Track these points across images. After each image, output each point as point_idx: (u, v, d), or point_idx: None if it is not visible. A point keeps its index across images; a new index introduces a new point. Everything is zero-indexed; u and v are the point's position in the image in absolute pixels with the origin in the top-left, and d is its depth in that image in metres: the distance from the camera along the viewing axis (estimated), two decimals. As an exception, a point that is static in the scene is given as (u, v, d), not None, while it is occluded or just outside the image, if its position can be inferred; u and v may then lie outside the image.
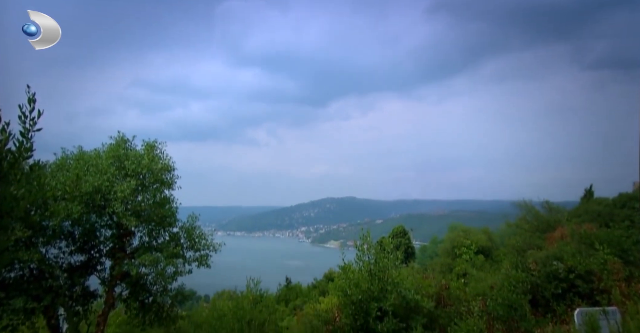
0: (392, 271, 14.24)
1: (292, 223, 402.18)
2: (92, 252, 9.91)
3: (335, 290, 15.29)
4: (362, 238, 14.81)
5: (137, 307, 9.94)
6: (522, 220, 26.79)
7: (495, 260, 23.92)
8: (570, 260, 13.55)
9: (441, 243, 36.82)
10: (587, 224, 19.37)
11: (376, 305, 13.17)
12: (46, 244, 8.85)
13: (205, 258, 10.75)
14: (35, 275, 8.50)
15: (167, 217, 10.51)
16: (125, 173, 9.65)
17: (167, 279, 9.89)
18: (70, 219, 8.58)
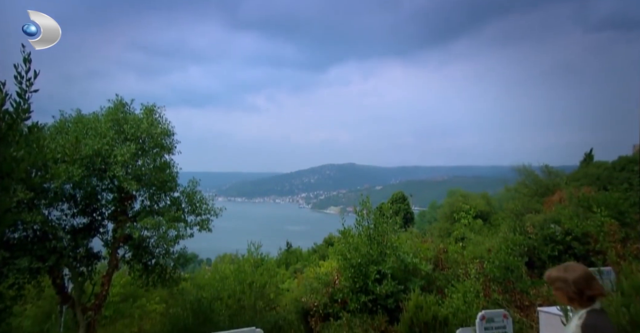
0: (391, 235, 14.41)
1: (292, 189, 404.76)
2: (94, 215, 10.01)
3: (335, 254, 15.53)
4: (362, 204, 14.93)
5: (140, 268, 10.13)
6: (520, 185, 26.91)
7: (494, 224, 24.19)
8: (568, 223, 13.71)
9: (440, 209, 37.13)
10: (585, 187, 19.48)
11: (375, 268, 13.39)
12: (48, 206, 8.93)
13: (207, 222, 10.85)
14: (38, 236, 8.62)
15: (167, 182, 10.54)
16: (124, 137, 9.61)
17: (169, 242, 10.02)
18: (71, 182, 8.62)
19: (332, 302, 13.67)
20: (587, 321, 2.90)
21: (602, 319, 2.90)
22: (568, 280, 2.99)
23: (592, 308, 2.95)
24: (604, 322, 2.89)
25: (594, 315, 2.91)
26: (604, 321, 2.89)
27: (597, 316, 2.91)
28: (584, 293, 2.95)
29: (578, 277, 2.98)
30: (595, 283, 3.01)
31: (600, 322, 2.85)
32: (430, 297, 9.38)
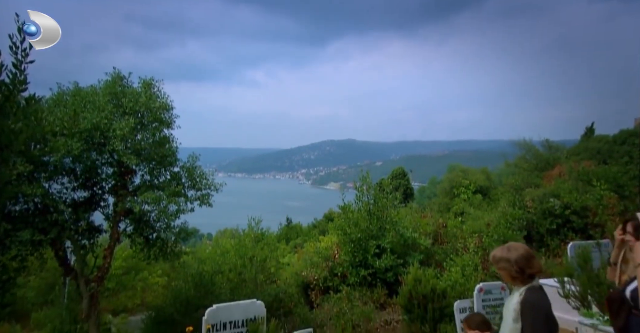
0: (390, 211, 14.49)
1: (292, 165, 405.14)
2: (94, 189, 10.03)
3: (335, 229, 15.65)
4: (362, 180, 14.97)
5: (142, 242, 10.21)
6: (521, 159, 26.89)
7: (493, 199, 24.25)
8: (567, 197, 13.77)
9: (440, 184, 37.21)
10: (585, 161, 19.48)
11: (375, 242, 13.51)
12: (48, 179, 8.95)
13: (207, 197, 10.86)
14: (40, 209, 8.67)
15: (167, 157, 10.51)
16: (123, 111, 9.54)
17: (169, 217, 10.07)
18: (70, 156, 8.60)
19: (332, 276, 13.86)
20: (526, 297, 3.10)
21: (539, 295, 3.11)
22: (510, 259, 3.16)
23: (532, 285, 3.15)
24: (541, 298, 3.11)
25: (533, 292, 3.11)
26: (541, 297, 3.11)
27: (535, 292, 3.12)
28: (524, 272, 3.13)
29: (519, 256, 3.15)
30: (535, 262, 3.20)
31: (537, 298, 3.07)
32: (429, 271, 9.49)
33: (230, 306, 6.78)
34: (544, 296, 3.16)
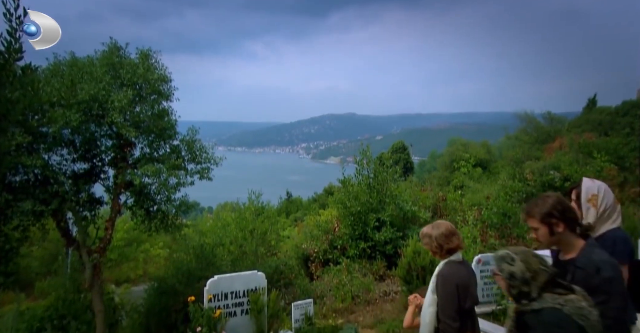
0: (390, 184, 14.55)
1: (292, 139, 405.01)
2: (94, 161, 9.99)
3: (335, 202, 15.75)
4: (362, 154, 14.98)
5: (142, 214, 10.24)
6: (521, 132, 26.85)
7: (493, 172, 24.33)
8: (567, 169, 13.79)
9: (440, 158, 37.25)
10: (586, 134, 19.44)
11: (374, 216, 13.60)
12: (48, 151, 8.89)
13: (207, 171, 10.82)
14: (40, 180, 8.66)
15: (166, 129, 10.43)
16: (121, 82, 9.41)
17: (169, 189, 10.06)
18: (69, 127, 8.52)
19: (332, 249, 14.02)
20: (442, 270, 3.39)
21: (455, 269, 3.33)
22: (432, 236, 3.44)
23: (449, 260, 3.41)
24: (457, 272, 3.32)
25: (449, 266, 3.37)
26: (456, 271, 3.33)
27: (451, 266, 3.36)
28: (443, 247, 3.40)
29: (439, 233, 3.43)
30: (454, 238, 3.44)
31: (452, 272, 3.29)
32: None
33: (231, 277, 6.86)
34: (461, 270, 3.36)
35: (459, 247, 3.48)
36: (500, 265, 2.48)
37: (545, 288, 2.34)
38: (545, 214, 2.66)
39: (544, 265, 2.39)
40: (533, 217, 2.75)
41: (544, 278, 2.34)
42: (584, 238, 2.72)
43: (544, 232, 2.70)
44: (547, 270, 2.37)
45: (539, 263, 2.39)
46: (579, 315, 2.19)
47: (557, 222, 2.65)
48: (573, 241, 2.68)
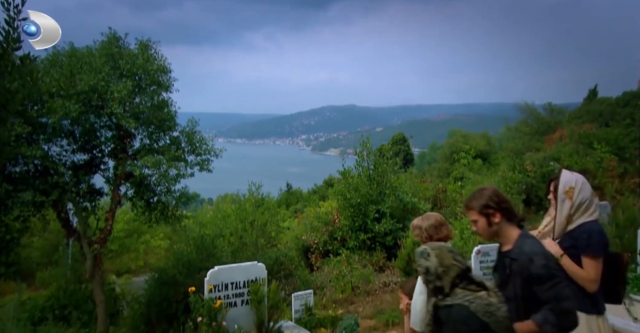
0: (390, 176, 14.55)
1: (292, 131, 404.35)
2: (94, 152, 10.00)
3: (335, 194, 15.77)
4: (362, 145, 14.97)
5: (143, 205, 10.26)
6: (522, 123, 26.76)
7: (493, 164, 24.29)
8: (567, 160, 13.77)
9: (440, 149, 37.21)
10: (587, 124, 19.38)
11: (374, 207, 13.62)
12: (48, 142, 8.90)
13: (207, 162, 10.82)
14: (40, 171, 8.68)
15: (166, 121, 10.42)
16: (120, 73, 9.38)
17: (169, 181, 10.07)
18: (69, 118, 8.52)
19: (332, 240, 14.07)
20: None
21: None
22: (422, 227, 3.56)
23: None
24: None
25: None
26: None
27: None
28: (432, 238, 3.49)
29: (429, 224, 3.55)
30: (443, 229, 3.56)
31: None
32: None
33: (231, 268, 6.87)
34: None
35: (448, 236, 3.60)
36: (419, 260, 2.52)
37: (457, 284, 2.38)
38: (483, 205, 2.73)
39: (457, 260, 2.43)
40: (472, 210, 2.82)
41: (454, 272, 2.37)
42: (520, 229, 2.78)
43: (482, 223, 2.76)
44: (458, 264, 2.41)
45: (452, 258, 2.42)
46: (485, 312, 2.24)
47: (494, 212, 2.71)
48: (510, 232, 2.74)
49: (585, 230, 3.03)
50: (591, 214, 3.11)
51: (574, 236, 3.07)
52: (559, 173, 3.27)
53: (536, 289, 2.50)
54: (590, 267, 2.95)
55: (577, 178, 3.17)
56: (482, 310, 2.24)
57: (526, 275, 2.52)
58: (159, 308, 9.39)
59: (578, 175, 3.20)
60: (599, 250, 2.97)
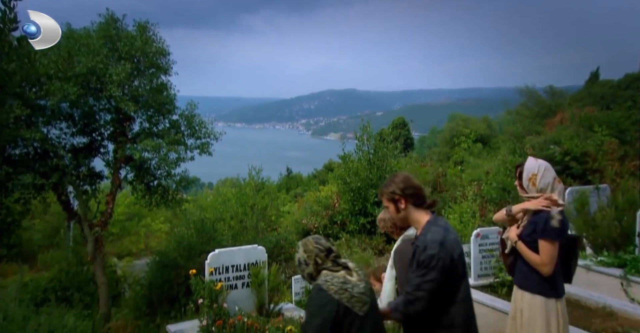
0: (390, 160, 14.54)
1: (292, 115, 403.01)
2: (93, 135, 9.98)
3: (335, 178, 15.80)
4: (362, 129, 14.93)
5: (143, 189, 10.28)
6: (522, 107, 26.60)
7: (493, 148, 24.26)
8: (567, 144, 13.71)
9: (440, 133, 37.15)
10: (588, 107, 19.27)
11: (374, 191, 13.64)
12: (47, 124, 8.89)
13: (207, 146, 10.81)
14: (40, 154, 8.68)
15: (165, 104, 10.37)
16: (118, 55, 9.30)
17: (169, 164, 10.07)
18: (67, 101, 8.47)
19: (332, 224, 14.12)
20: (398, 247, 3.53)
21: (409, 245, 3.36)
22: (385, 219, 3.70)
23: (405, 235, 3.56)
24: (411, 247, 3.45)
25: (405, 242, 3.47)
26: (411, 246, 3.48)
27: (406, 242, 3.44)
28: (396, 225, 3.62)
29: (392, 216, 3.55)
30: None
31: (406, 248, 3.35)
32: (428, 218, 9.61)
33: (232, 251, 6.91)
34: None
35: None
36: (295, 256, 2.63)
37: (321, 266, 2.48)
38: (390, 192, 2.78)
39: (319, 244, 2.53)
40: (383, 196, 2.89)
41: (314, 254, 2.48)
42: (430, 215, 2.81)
43: (392, 209, 2.81)
44: (319, 247, 2.51)
45: (314, 243, 2.53)
46: (339, 288, 2.34)
47: (400, 198, 2.75)
48: (419, 218, 2.77)
49: (544, 215, 3.08)
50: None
51: (534, 221, 3.13)
52: (525, 160, 3.33)
53: (412, 273, 2.57)
54: (545, 252, 3.02)
55: (540, 164, 3.22)
56: (336, 288, 2.34)
57: (419, 261, 2.56)
58: (161, 291, 9.47)
59: (541, 162, 3.25)
60: (554, 235, 3.02)
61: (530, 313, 3.09)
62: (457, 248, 2.57)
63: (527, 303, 3.14)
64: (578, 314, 4.54)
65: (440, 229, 2.61)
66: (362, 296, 2.39)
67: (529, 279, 3.16)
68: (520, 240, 3.20)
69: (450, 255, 2.52)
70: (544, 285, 3.09)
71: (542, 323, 3.04)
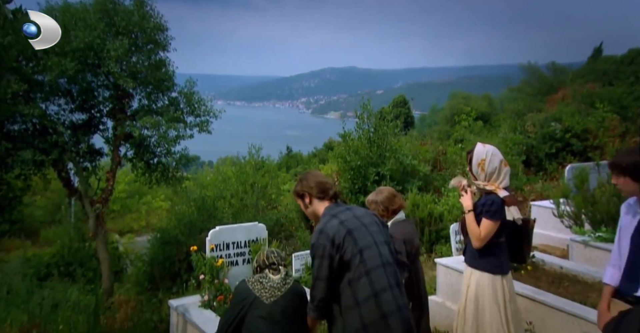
0: (391, 138, 14.47)
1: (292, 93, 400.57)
2: (92, 112, 9.93)
3: (335, 157, 15.75)
4: (363, 107, 14.82)
5: (143, 166, 10.29)
6: (524, 84, 26.35)
7: (494, 126, 24.15)
8: (568, 120, 13.63)
9: (441, 112, 36.97)
10: (590, 84, 19.09)
11: (374, 170, 13.62)
12: (45, 100, 8.85)
13: (206, 124, 10.78)
14: (39, 130, 8.67)
15: (164, 81, 10.30)
16: (116, 30, 9.18)
17: (169, 142, 10.06)
18: (65, 76, 8.42)
19: (332, 202, 14.14)
20: (391, 229, 3.61)
21: (401, 227, 3.82)
22: (377, 201, 3.85)
23: (396, 219, 3.86)
24: (403, 227, 3.82)
25: (397, 225, 3.80)
26: (403, 227, 3.83)
27: (397, 225, 3.81)
28: (389, 209, 3.83)
29: (384, 198, 3.86)
30: (396, 200, 3.89)
31: (397, 230, 3.70)
32: (427, 196, 9.69)
33: (232, 228, 6.93)
34: (405, 227, 3.87)
35: (402, 206, 3.93)
36: None
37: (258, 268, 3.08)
38: (297, 190, 2.90)
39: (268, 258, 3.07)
40: (293, 194, 3.00)
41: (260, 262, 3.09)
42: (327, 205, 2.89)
43: (301, 205, 2.92)
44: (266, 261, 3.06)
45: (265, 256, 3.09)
46: (255, 281, 2.91)
47: (305, 194, 2.85)
48: (321, 209, 2.83)
49: (491, 198, 3.30)
50: (500, 182, 3.36)
51: (481, 203, 3.35)
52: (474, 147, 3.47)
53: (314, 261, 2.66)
54: (484, 227, 3.26)
55: (487, 150, 3.37)
56: (253, 281, 2.92)
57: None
58: (162, 267, 9.57)
59: (489, 147, 3.40)
60: (495, 216, 3.25)
61: (478, 289, 3.36)
62: (341, 230, 2.58)
63: (475, 280, 3.39)
64: (575, 289, 4.59)
65: (327, 217, 2.69)
66: (273, 289, 2.90)
67: (477, 258, 3.40)
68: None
69: (331, 239, 2.54)
70: (491, 263, 3.34)
71: (489, 298, 3.32)
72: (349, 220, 2.66)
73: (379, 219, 2.83)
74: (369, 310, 2.44)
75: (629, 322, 2.48)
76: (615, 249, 2.83)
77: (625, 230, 2.73)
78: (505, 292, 3.35)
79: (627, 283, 2.63)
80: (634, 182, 2.60)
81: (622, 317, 2.54)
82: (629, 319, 2.49)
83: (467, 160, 3.53)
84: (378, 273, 2.54)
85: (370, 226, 2.69)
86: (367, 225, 2.68)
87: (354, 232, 2.60)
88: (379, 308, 2.44)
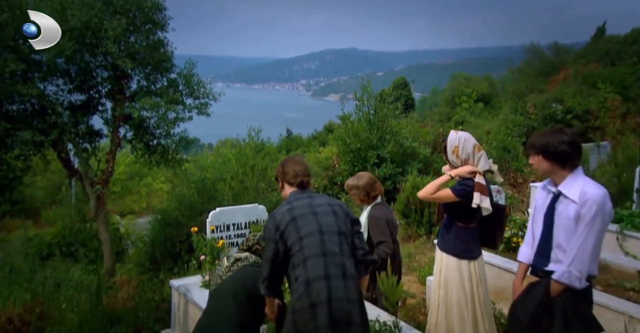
0: (391, 121, 14.41)
1: (291, 75, 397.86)
2: (91, 92, 9.88)
3: (334, 139, 15.72)
4: (363, 89, 14.72)
5: (143, 148, 10.29)
6: (525, 64, 26.13)
7: (495, 107, 24.04)
8: (570, 101, 13.58)
9: (441, 93, 36.78)
10: (592, 64, 18.94)
11: (374, 152, 13.60)
12: (43, 80, 8.80)
13: (205, 106, 10.73)
14: (37, 110, 8.65)
15: (163, 61, 10.21)
16: (113, 9, 9.06)
17: (168, 124, 10.03)
18: (63, 56, 8.35)
19: (332, 185, 14.16)
20: (372, 213, 4.02)
21: (381, 209, 4.04)
22: (359, 186, 4.03)
23: (375, 203, 4.06)
24: (382, 211, 4.04)
25: (377, 208, 4.04)
26: (382, 210, 4.05)
27: (378, 208, 4.04)
28: (370, 194, 4.03)
29: (365, 183, 4.03)
30: (377, 185, 4.10)
31: (379, 212, 3.99)
32: (427, 178, 9.70)
33: (233, 209, 6.97)
34: (384, 210, 4.10)
35: (381, 191, 4.13)
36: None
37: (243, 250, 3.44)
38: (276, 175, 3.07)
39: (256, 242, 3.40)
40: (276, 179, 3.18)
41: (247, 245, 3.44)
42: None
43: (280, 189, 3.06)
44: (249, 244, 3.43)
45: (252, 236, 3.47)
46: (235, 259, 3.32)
47: (277, 178, 3.04)
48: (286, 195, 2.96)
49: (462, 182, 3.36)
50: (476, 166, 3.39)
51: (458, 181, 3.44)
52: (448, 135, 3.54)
53: None
54: (442, 192, 3.38)
55: (459, 137, 3.42)
56: (233, 259, 3.34)
57: None
58: (163, 248, 9.64)
59: (461, 134, 3.46)
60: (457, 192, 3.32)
61: (447, 272, 3.42)
62: (286, 217, 2.68)
63: (444, 263, 3.45)
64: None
65: (284, 203, 2.83)
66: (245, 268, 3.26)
67: (446, 241, 3.48)
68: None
69: (277, 225, 2.67)
70: (458, 247, 3.40)
71: (456, 282, 3.36)
72: (299, 207, 2.73)
73: (343, 209, 2.86)
74: (298, 296, 2.49)
75: (535, 292, 2.74)
76: (529, 229, 2.97)
77: (539, 210, 2.85)
78: (473, 276, 3.38)
79: (538, 259, 2.82)
80: (546, 161, 2.72)
81: (530, 288, 2.80)
82: (535, 289, 2.76)
83: (442, 149, 3.61)
84: (314, 262, 2.54)
85: (323, 215, 2.70)
86: (318, 214, 2.70)
87: (298, 219, 2.66)
88: (309, 297, 2.46)
